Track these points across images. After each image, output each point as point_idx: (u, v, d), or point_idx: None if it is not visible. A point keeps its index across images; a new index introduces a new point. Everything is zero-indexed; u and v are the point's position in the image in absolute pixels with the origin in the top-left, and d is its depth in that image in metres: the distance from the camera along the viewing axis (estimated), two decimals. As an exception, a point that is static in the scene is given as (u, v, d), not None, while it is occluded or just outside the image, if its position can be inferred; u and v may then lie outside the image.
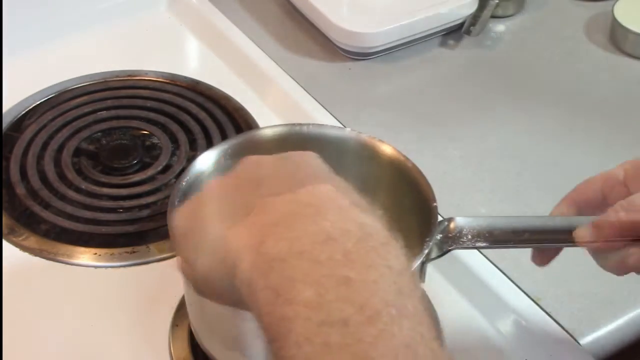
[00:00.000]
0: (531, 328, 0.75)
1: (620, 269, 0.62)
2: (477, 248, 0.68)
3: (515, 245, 0.68)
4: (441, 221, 0.67)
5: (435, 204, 0.67)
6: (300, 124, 0.71)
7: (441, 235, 0.67)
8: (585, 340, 0.74)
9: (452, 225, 0.68)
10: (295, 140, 0.70)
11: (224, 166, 0.67)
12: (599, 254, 0.63)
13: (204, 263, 0.49)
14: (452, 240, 0.67)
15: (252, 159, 0.52)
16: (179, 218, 0.52)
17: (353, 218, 0.46)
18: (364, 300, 0.41)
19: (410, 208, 0.70)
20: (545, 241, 0.69)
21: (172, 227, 0.52)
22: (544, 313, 0.75)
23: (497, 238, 0.67)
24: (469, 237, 0.67)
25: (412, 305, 0.43)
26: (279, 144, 0.69)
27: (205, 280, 0.50)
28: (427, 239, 0.64)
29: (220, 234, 0.48)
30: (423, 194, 0.68)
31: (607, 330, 0.76)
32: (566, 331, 0.74)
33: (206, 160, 0.68)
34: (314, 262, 0.43)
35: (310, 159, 0.52)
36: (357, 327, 0.41)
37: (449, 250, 0.67)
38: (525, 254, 0.80)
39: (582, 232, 0.62)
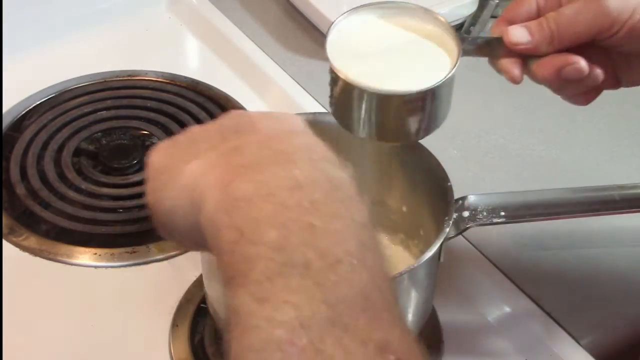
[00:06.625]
0: (531, 328, 0.75)
1: (554, 78, 0.63)
2: (494, 224, 0.68)
3: (529, 219, 0.69)
4: (455, 200, 0.67)
5: (449, 183, 0.67)
6: (317, 113, 0.70)
7: (457, 214, 0.67)
8: (585, 340, 0.74)
9: (466, 203, 0.68)
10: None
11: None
12: (530, 60, 0.64)
13: (171, 198, 0.50)
14: (468, 219, 0.67)
15: (236, 111, 0.52)
16: (157, 155, 0.52)
17: (323, 170, 0.46)
18: (326, 248, 0.42)
19: (423, 190, 0.70)
20: (558, 214, 0.70)
21: (148, 162, 0.52)
22: (544, 313, 0.75)
23: (511, 214, 0.68)
24: (484, 214, 0.68)
25: (372, 259, 0.43)
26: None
27: (169, 216, 0.50)
28: (447, 218, 0.64)
29: (192, 172, 0.48)
30: (435, 175, 0.68)
31: (607, 330, 0.76)
32: (566, 331, 0.74)
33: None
34: (280, 205, 0.43)
35: (292, 118, 0.52)
36: (318, 272, 0.41)
37: (467, 229, 0.67)
38: (525, 254, 0.80)
39: (513, 30, 0.63)
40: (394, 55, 0.64)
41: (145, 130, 0.92)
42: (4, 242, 0.80)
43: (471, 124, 0.94)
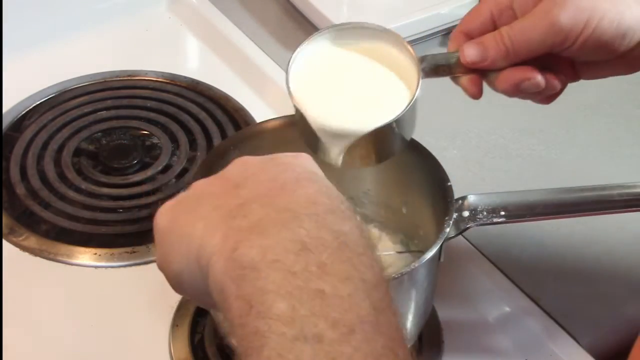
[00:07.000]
0: (531, 328, 0.75)
1: (512, 91, 0.63)
2: (494, 224, 0.68)
3: (529, 219, 0.69)
4: (455, 200, 0.67)
5: (449, 183, 0.67)
6: None
7: (457, 214, 0.67)
8: (585, 340, 0.74)
9: (466, 203, 0.68)
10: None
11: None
12: (489, 73, 0.64)
13: (178, 262, 0.49)
14: (468, 219, 0.67)
15: (241, 159, 0.51)
16: (162, 214, 0.51)
17: (330, 226, 0.45)
18: (338, 316, 0.41)
19: (423, 190, 0.70)
20: (558, 214, 0.70)
21: (154, 223, 0.51)
22: (544, 313, 0.75)
23: (511, 214, 0.68)
24: (485, 214, 0.68)
25: (386, 321, 0.42)
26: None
27: (178, 278, 0.50)
28: (447, 218, 0.64)
29: (197, 234, 0.47)
30: (435, 175, 0.68)
31: (607, 330, 0.76)
32: (566, 331, 0.74)
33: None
34: (287, 272, 0.42)
35: (298, 161, 0.50)
36: (331, 344, 0.40)
37: (467, 229, 0.67)
38: (525, 253, 0.80)
39: (468, 50, 0.63)
40: (354, 86, 0.65)
41: (145, 130, 0.92)
42: (4, 242, 0.80)
43: (471, 124, 0.94)
